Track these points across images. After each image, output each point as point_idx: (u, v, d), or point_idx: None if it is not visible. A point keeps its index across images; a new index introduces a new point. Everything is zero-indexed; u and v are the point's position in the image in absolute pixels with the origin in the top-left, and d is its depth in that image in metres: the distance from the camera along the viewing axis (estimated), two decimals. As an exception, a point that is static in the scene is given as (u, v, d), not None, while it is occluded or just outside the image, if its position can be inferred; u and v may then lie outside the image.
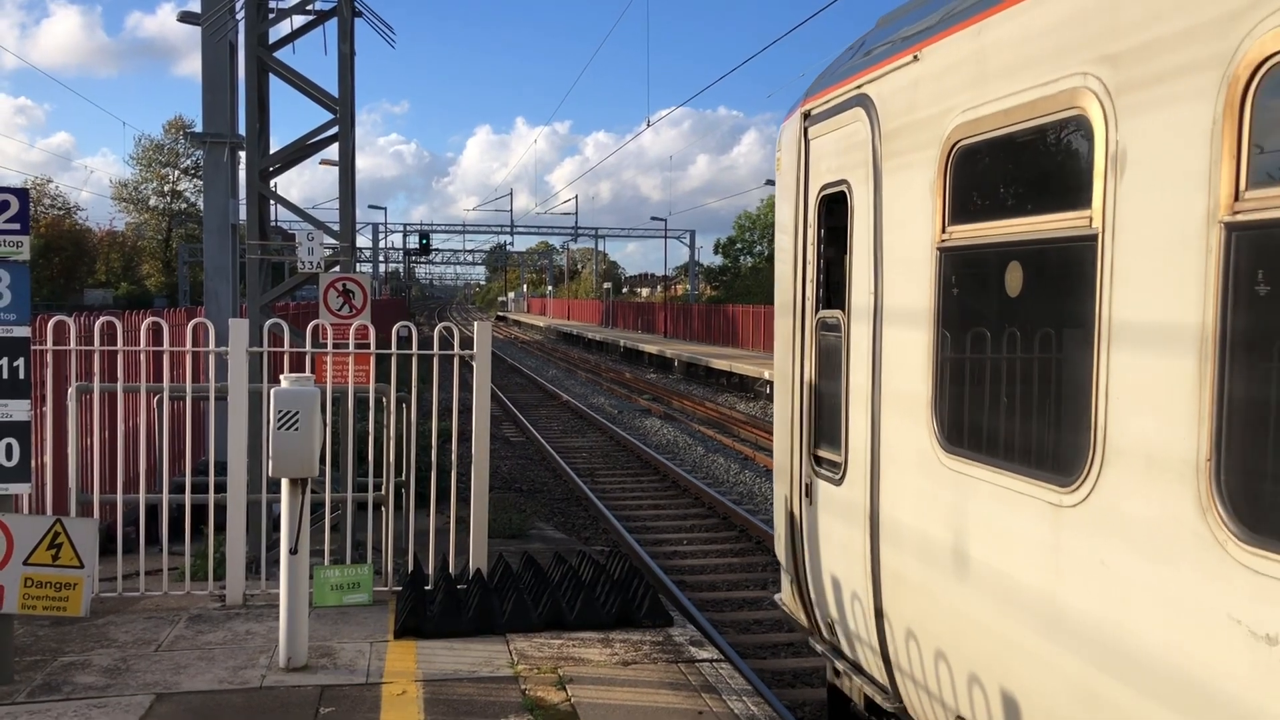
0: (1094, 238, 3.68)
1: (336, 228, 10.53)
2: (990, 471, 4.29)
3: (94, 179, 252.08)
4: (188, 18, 14.90)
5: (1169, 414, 3.29)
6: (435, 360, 8.54)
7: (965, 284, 4.67)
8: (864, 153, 5.51)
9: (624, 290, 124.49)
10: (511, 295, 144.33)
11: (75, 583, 7.74)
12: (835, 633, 6.15)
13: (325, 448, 7.58)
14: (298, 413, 6.66)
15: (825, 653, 6.46)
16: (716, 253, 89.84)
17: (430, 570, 8.58)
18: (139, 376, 8.47)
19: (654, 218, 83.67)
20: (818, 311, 6.22)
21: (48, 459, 8.73)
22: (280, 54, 10.27)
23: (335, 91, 10.03)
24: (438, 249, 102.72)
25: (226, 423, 8.22)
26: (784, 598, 7.08)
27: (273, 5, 10.18)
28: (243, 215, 11.25)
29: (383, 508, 8.64)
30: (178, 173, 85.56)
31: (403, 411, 8.73)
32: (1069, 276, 3.91)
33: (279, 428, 6.65)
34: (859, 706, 6.10)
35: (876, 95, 5.41)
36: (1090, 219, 3.71)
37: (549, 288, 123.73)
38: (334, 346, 8.50)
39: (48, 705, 6.20)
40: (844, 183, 5.79)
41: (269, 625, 7.60)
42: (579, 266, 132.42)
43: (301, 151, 10.53)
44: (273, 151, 10.32)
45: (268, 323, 9.04)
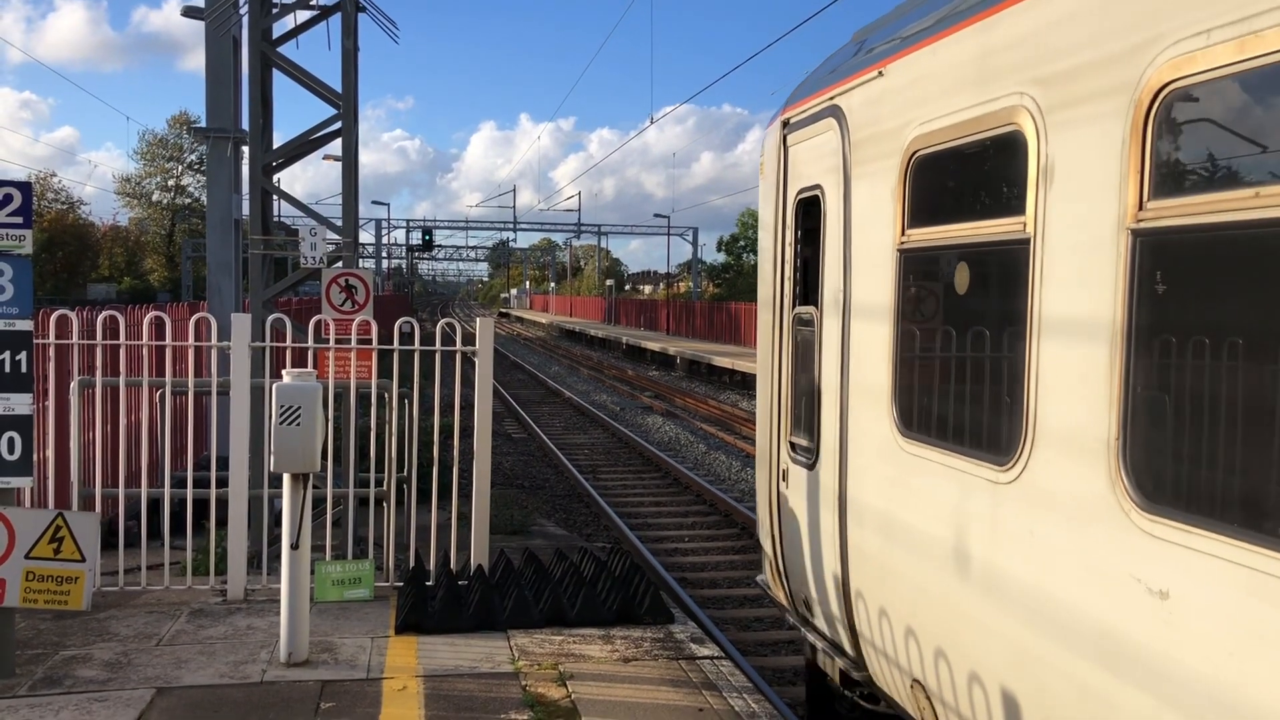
0: (1027, 242, 4.07)
1: (339, 223, 10.53)
2: (941, 454, 4.71)
3: (98, 173, 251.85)
4: (191, 12, 14.89)
5: (1086, 400, 3.69)
6: (437, 356, 8.54)
7: (921, 283, 5.10)
8: (835, 160, 5.91)
9: (627, 287, 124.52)
10: (514, 292, 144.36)
11: (77, 577, 7.75)
12: (810, 609, 6.51)
13: (327, 443, 7.58)
14: (300, 408, 6.67)
15: (801, 629, 6.80)
16: (719, 250, 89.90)
17: (431, 566, 8.59)
18: (141, 371, 8.48)
19: (657, 215, 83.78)
20: (794, 307, 6.61)
21: (50, 453, 8.74)
22: (284, 49, 10.27)
23: (339, 87, 10.03)
24: (441, 245, 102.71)
25: (228, 418, 8.23)
26: (766, 579, 7.48)
27: (276, 0, 10.18)
28: (246, 210, 11.25)
29: (384, 503, 8.64)
30: (181, 168, 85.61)
31: (404, 407, 8.73)
32: (1007, 277, 4.30)
33: (281, 423, 6.65)
34: (835, 681, 6.43)
35: (847, 107, 5.82)
36: (1024, 225, 4.10)
37: (551, 284, 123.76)
38: (336, 342, 8.50)
39: (49, 698, 6.20)
40: (818, 187, 6.18)
41: (270, 620, 7.61)
42: (581, 263, 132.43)
43: (305, 147, 10.53)
44: (276, 147, 10.32)
45: (270, 318, 9.04)
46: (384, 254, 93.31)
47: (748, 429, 23.80)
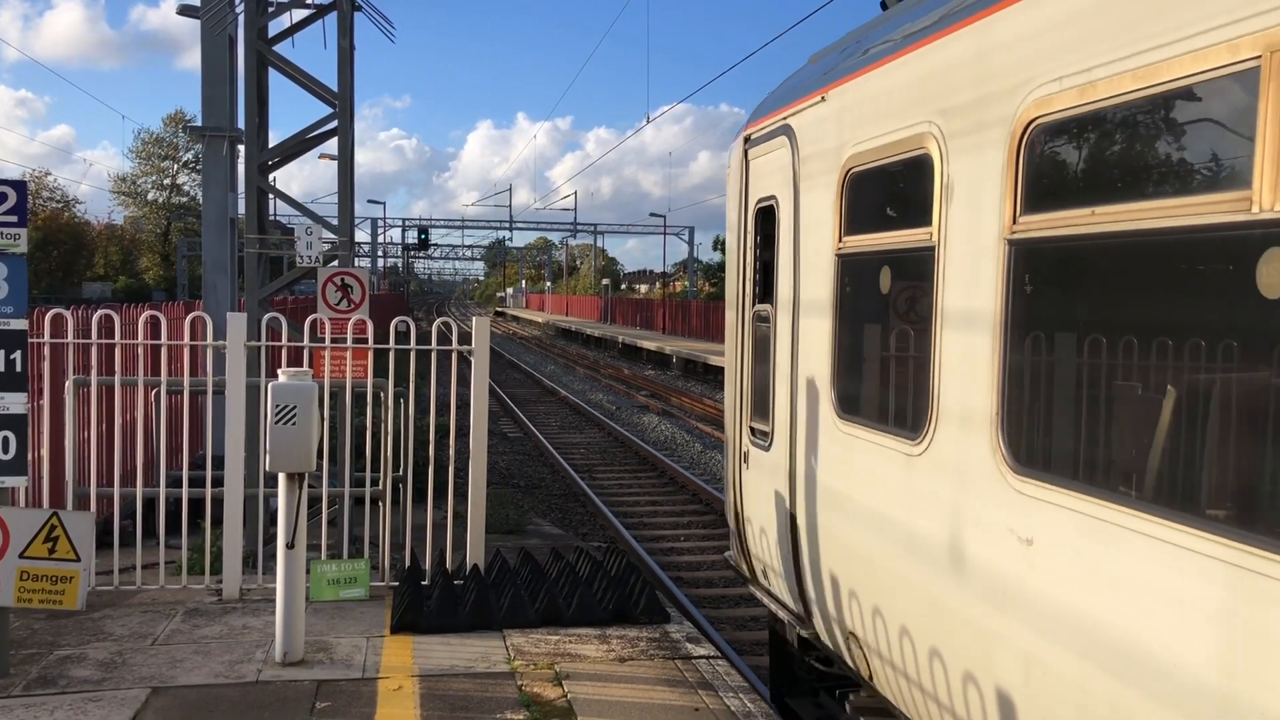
0: (932, 249, 4.73)
1: (335, 222, 10.52)
2: (869, 432, 5.39)
3: (93, 172, 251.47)
4: (187, 11, 14.86)
5: (975, 383, 4.36)
6: (433, 355, 8.53)
7: (854, 284, 5.73)
8: (787, 173, 6.58)
9: (623, 286, 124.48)
10: (510, 291, 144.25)
11: (71, 576, 7.73)
12: (767, 577, 7.16)
13: (323, 442, 7.58)
14: (295, 407, 6.66)
15: (762, 597, 7.40)
16: (716, 249, 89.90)
17: (427, 565, 8.58)
18: (137, 370, 8.46)
19: (653, 214, 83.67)
20: (754, 305, 7.23)
21: (45, 452, 8.72)
22: (280, 48, 10.25)
23: (335, 86, 10.02)
24: (436, 244, 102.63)
25: (224, 417, 8.21)
26: (733, 554, 8.07)
27: (272, -1, 10.17)
28: (241, 209, 11.24)
29: (380, 503, 8.63)
30: (177, 166, 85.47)
31: (400, 406, 8.72)
32: (918, 280, 4.95)
33: (276, 422, 6.64)
34: (793, 645, 7.02)
35: (796, 126, 6.48)
36: (931, 234, 4.76)
37: (548, 284, 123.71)
38: (332, 341, 8.49)
39: (43, 698, 6.19)
40: (773, 197, 6.85)
41: (265, 620, 7.60)
42: (578, 262, 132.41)
43: (301, 146, 10.52)
44: (272, 146, 10.30)
45: (266, 317, 9.03)
46: (380, 253, 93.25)
47: (744, 428, 23.78)
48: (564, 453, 20.68)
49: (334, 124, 10.09)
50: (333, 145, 10.43)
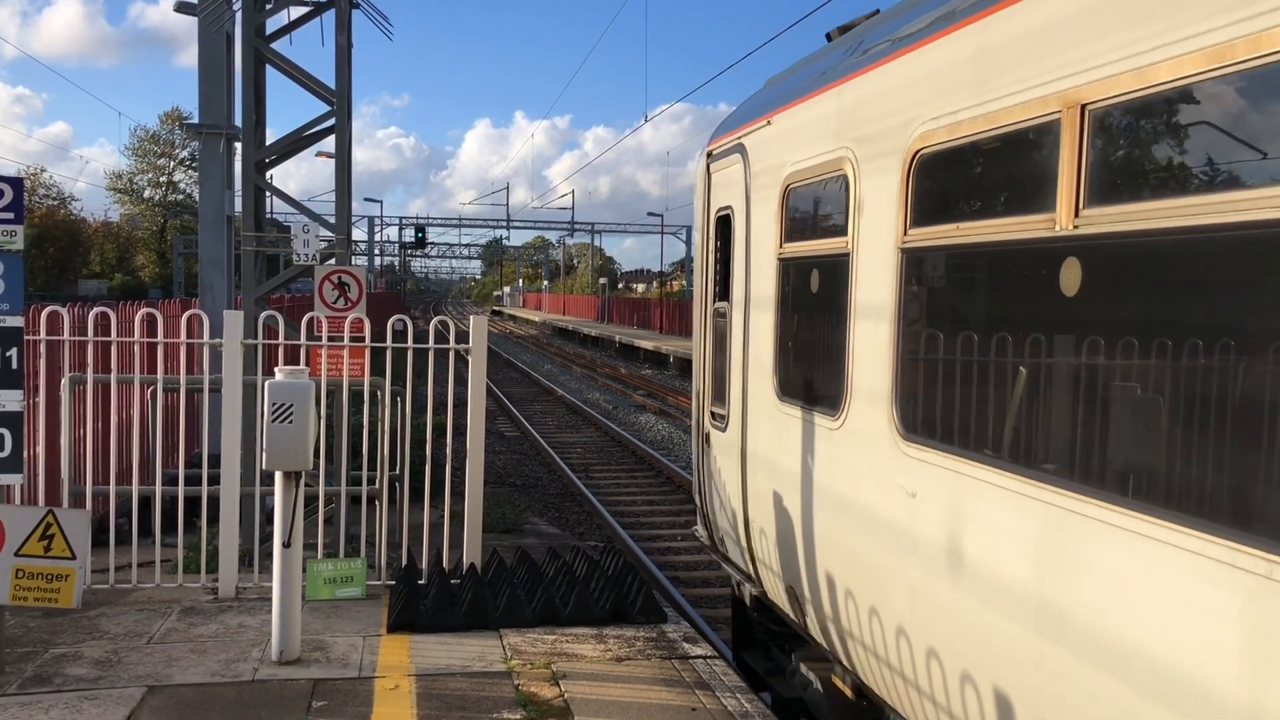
0: (848, 256, 5.59)
1: (332, 220, 10.50)
2: (801, 411, 6.23)
3: (89, 169, 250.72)
4: (185, 8, 14.83)
5: (877, 367, 5.21)
6: (430, 354, 8.51)
7: (792, 284, 6.56)
8: (740, 187, 7.38)
9: (620, 286, 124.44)
10: (507, 290, 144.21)
11: (67, 574, 7.70)
12: (725, 545, 8.03)
13: (319, 441, 7.56)
14: (292, 405, 6.64)
15: (721, 563, 8.29)
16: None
17: (424, 564, 8.56)
18: (133, 368, 8.44)
19: (651, 213, 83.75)
20: (714, 303, 8.06)
21: (40, 450, 8.70)
22: (277, 45, 10.24)
23: (333, 84, 10.00)
24: (434, 243, 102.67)
25: (220, 415, 8.19)
26: (698, 528, 8.93)
27: (270, -4, 10.15)
28: (238, 207, 11.22)
29: (376, 501, 8.62)
30: (173, 164, 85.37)
31: (397, 405, 8.70)
32: (838, 281, 5.73)
33: (273, 420, 6.62)
34: (749, 606, 7.83)
35: (748, 145, 7.31)
36: (847, 243, 5.60)
37: (545, 283, 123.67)
38: (329, 340, 8.47)
39: (38, 697, 6.17)
40: (729, 207, 7.66)
41: (261, 618, 7.58)
42: (575, 262, 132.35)
43: (298, 143, 10.50)
44: (269, 143, 10.29)
45: (263, 315, 9.01)
46: (377, 251, 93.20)
47: (740, 428, 23.79)
48: (561, 452, 20.67)
49: (331, 122, 10.08)
50: (330, 143, 10.41)
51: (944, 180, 4.85)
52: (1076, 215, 3.77)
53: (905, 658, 4.99)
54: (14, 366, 6.66)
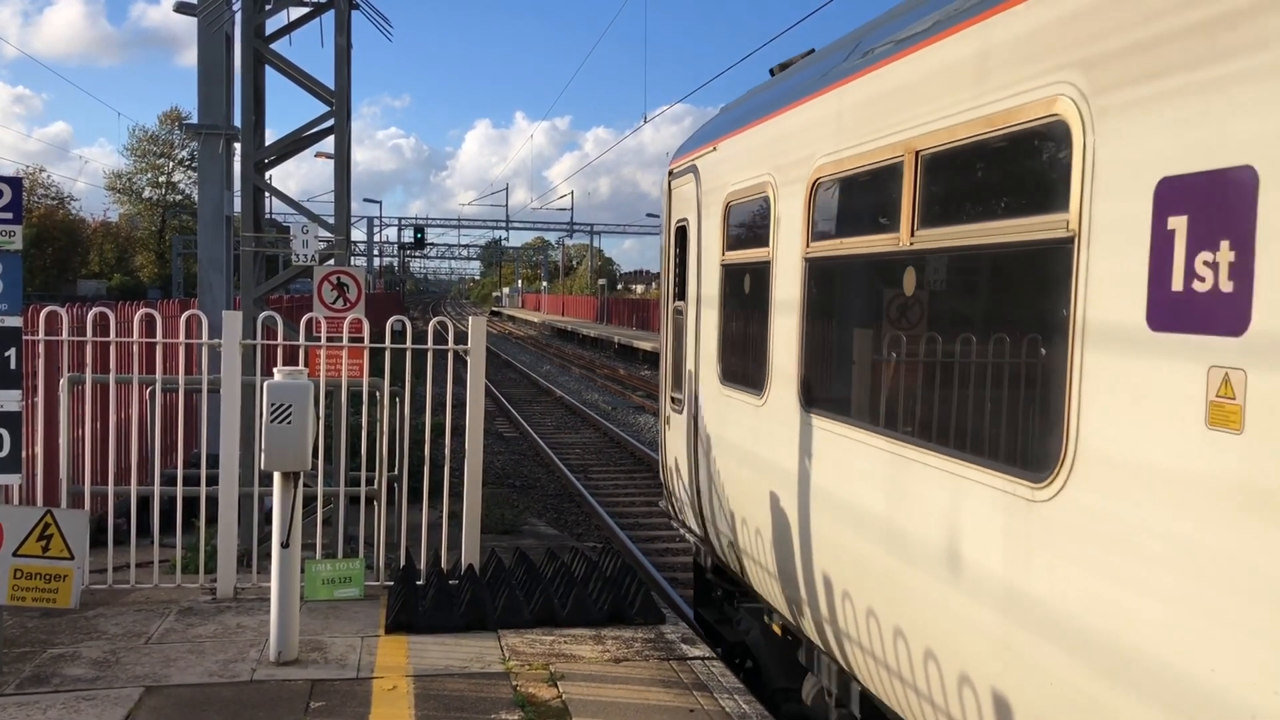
0: (769, 263, 6.66)
1: (331, 221, 10.50)
2: (737, 393, 7.35)
3: (89, 169, 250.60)
4: (184, 8, 14.83)
5: (789, 354, 6.34)
6: (429, 355, 8.52)
7: (732, 286, 7.64)
8: (694, 202, 8.50)
9: (619, 287, 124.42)
10: (506, 290, 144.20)
11: (65, 574, 7.70)
12: (683, 514, 9.06)
13: (318, 441, 7.56)
14: (291, 406, 6.64)
15: (681, 530, 9.42)
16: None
17: (422, 565, 8.56)
18: (132, 368, 8.44)
19: (650, 214, 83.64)
20: (674, 301, 9.16)
21: (39, 450, 8.69)
22: (277, 45, 10.24)
23: (332, 84, 10.00)
24: (433, 243, 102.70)
25: (219, 415, 8.19)
26: (663, 502, 10.05)
27: (269, -4, 10.14)
28: (237, 207, 11.22)
29: (375, 502, 8.62)
30: (172, 164, 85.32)
31: (396, 405, 8.71)
32: (763, 283, 6.79)
33: (272, 421, 6.62)
34: (706, 568, 8.94)
35: (700, 167, 8.41)
36: (769, 252, 6.68)
37: (544, 283, 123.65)
38: (328, 340, 8.47)
39: (36, 697, 6.17)
40: (686, 219, 8.80)
41: (260, 619, 7.58)
42: (574, 262, 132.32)
43: (297, 144, 10.51)
44: (268, 144, 10.29)
45: (261, 315, 9.01)
46: (376, 252, 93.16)
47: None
48: (559, 453, 20.67)
49: (331, 122, 10.08)
50: (329, 144, 10.41)
51: (832, 204, 6.04)
52: (913, 235, 4.88)
53: (807, 587, 6.11)
54: (12, 366, 6.66)
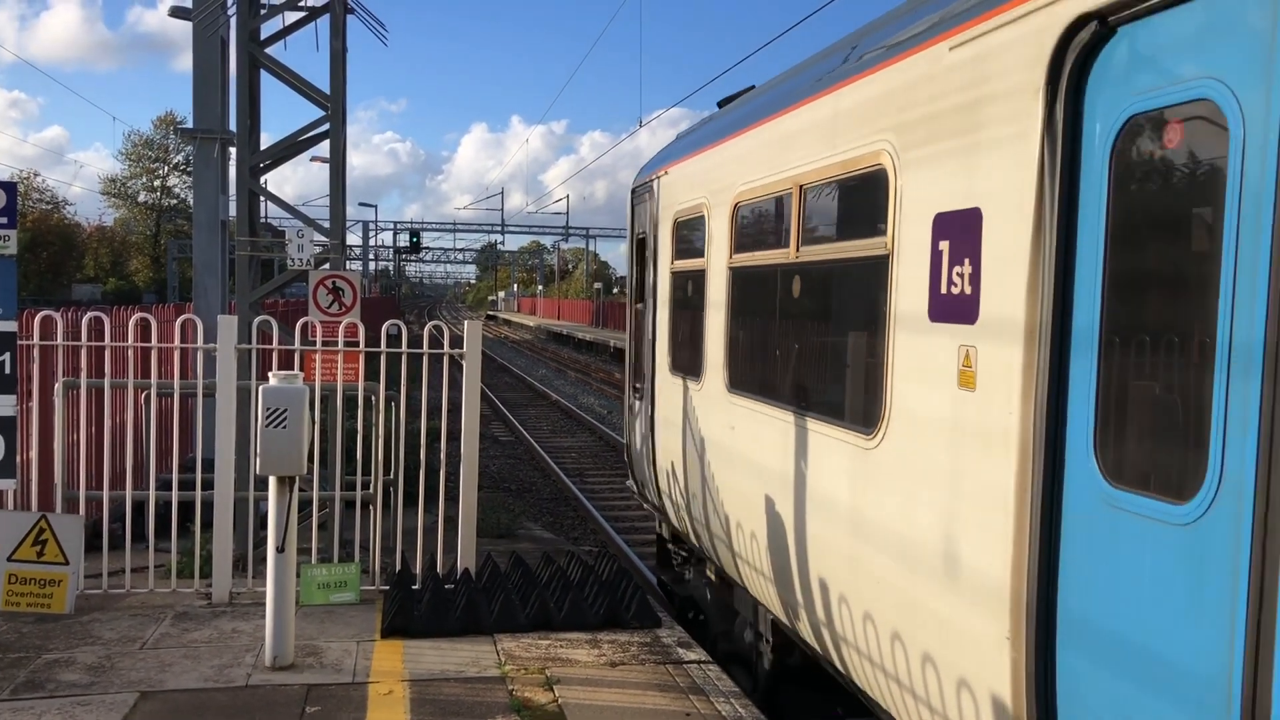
0: (704, 271, 7.95)
1: (327, 225, 10.50)
2: (682, 379, 8.59)
3: (84, 173, 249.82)
4: (179, 13, 14.80)
5: (718, 345, 7.56)
6: (425, 359, 8.52)
7: (679, 290, 8.89)
8: (651, 218, 9.79)
9: (615, 290, 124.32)
10: (502, 294, 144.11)
11: (60, 579, 7.69)
12: (645, 488, 10.29)
13: (313, 446, 7.56)
14: (286, 410, 6.64)
15: (644, 504, 10.85)
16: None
17: (418, 569, 8.56)
18: (126, 372, 8.43)
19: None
20: (636, 302, 10.50)
21: (34, 455, 8.68)
22: (272, 50, 10.23)
23: (327, 88, 10.00)
24: (428, 247, 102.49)
25: (214, 420, 8.18)
26: (630, 481, 11.34)
27: (264, 0, 10.14)
28: (233, 211, 11.21)
29: (370, 506, 8.61)
30: (167, 168, 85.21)
31: (391, 410, 8.70)
32: (700, 287, 8.07)
33: (267, 425, 6.62)
34: (666, 539, 10.28)
35: (657, 186, 9.63)
36: (704, 262, 7.96)
37: (539, 287, 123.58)
38: (323, 344, 8.47)
39: (31, 703, 6.15)
40: (645, 231, 10.15)
41: (255, 624, 7.57)
42: (570, 266, 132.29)
43: (292, 148, 10.50)
44: (264, 148, 10.28)
45: (257, 319, 9.00)
46: (371, 256, 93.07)
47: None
48: (555, 456, 20.65)
49: (326, 126, 10.07)
50: (325, 148, 10.40)
51: (748, 224, 7.32)
52: (797, 251, 6.21)
53: (727, 533, 7.46)
54: (7, 371, 6.65)
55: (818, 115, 5.93)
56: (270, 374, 6.93)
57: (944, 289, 4.45)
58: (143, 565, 8.40)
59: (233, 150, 11.52)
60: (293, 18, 10.27)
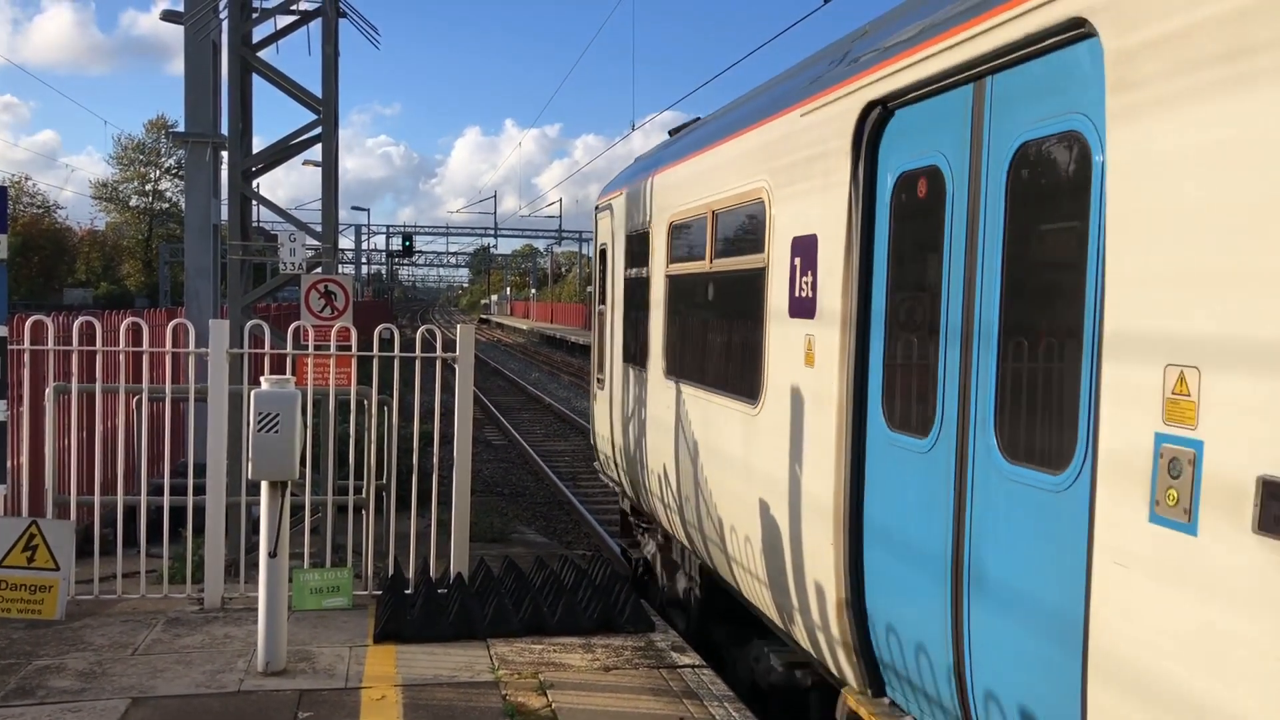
0: (649, 278, 9.31)
1: (319, 229, 10.48)
2: (633, 369, 9.90)
3: (76, 177, 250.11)
4: (171, 17, 14.79)
5: (660, 338, 8.91)
6: (417, 363, 8.50)
7: (630, 294, 10.16)
8: (610, 233, 11.23)
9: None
10: (494, 298, 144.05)
11: (51, 585, 7.66)
12: (609, 467, 11.69)
13: (306, 450, 7.53)
14: (278, 415, 6.61)
15: (606, 480, 12.40)
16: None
17: (411, 574, 8.53)
18: (118, 377, 8.40)
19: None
20: (599, 305, 11.83)
21: (24, 460, 8.65)
22: (264, 54, 10.21)
23: (319, 92, 9.98)
24: (421, 251, 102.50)
25: (206, 424, 8.16)
26: (596, 463, 12.76)
27: (256, 5, 10.11)
28: (225, 215, 11.18)
29: (363, 511, 8.59)
30: (159, 172, 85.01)
31: (384, 414, 8.68)
32: (646, 292, 9.38)
33: (259, 430, 6.60)
34: (627, 511, 11.67)
35: (613, 207, 11.09)
36: (648, 270, 9.36)
37: (532, 291, 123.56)
38: (315, 348, 8.45)
39: (21, 710, 6.12)
40: (605, 244, 11.56)
41: (247, 629, 7.54)
42: (563, 270, 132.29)
43: (284, 152, 10.48)
44: (255, 152, 10.26)
45: (249, 324, 8.99)
46: (364, 260, 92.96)
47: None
48: (548, 460, 20.63)
49: (318, 130, 10.06)
50: (317, 152, 10.39)
51: (679, 240, 8.64)
52: (711, 263, 7.69)
53: (663, 492, 8.85)
54: (-2, 376, 6.62)
55: (726, 155, 7.50)
56: (262, 378, 6.90)
57: (797, 293, 6.00)
58: (134, 571, 8.37)
59: (224, 154, 11.50)
60: (285, 22, 10.26)
